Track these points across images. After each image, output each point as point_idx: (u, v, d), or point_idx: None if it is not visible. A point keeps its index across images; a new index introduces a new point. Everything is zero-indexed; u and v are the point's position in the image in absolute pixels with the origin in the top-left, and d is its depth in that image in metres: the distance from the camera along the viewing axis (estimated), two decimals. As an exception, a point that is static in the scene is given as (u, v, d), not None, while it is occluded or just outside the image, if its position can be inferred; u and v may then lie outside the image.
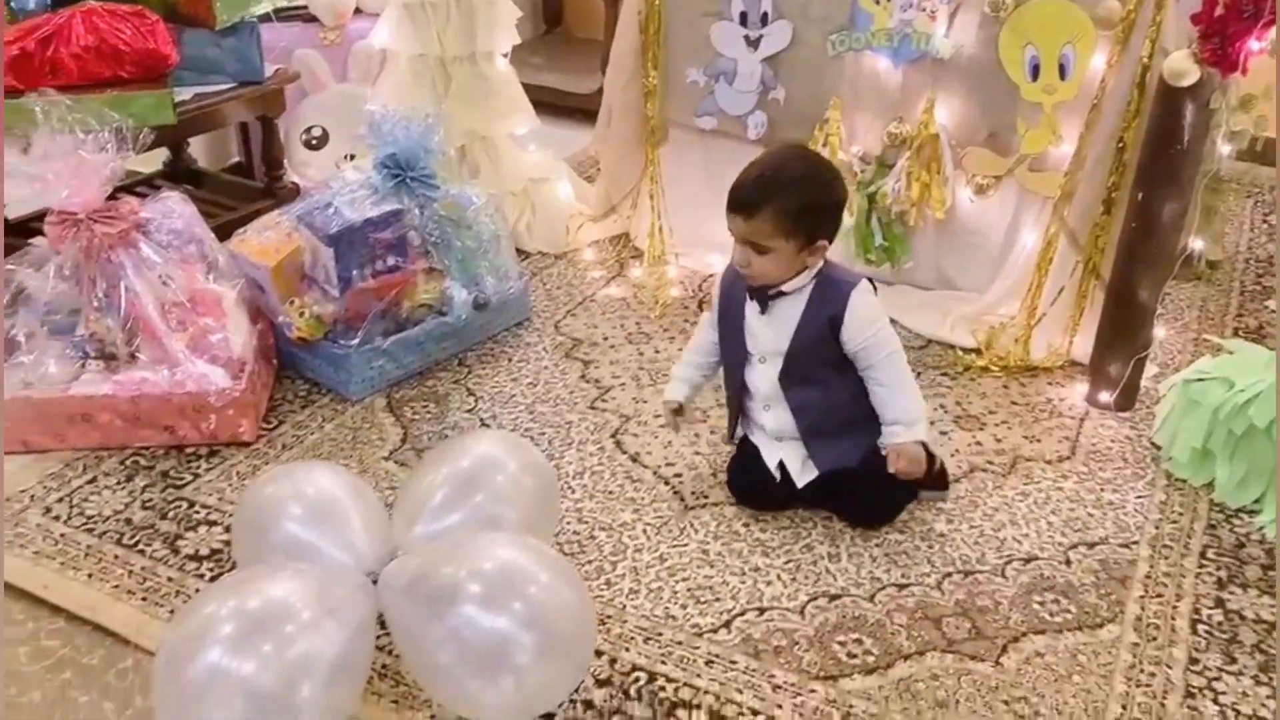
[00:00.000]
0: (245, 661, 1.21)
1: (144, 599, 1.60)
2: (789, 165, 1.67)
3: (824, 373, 1.72)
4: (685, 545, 1.72)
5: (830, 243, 1.68)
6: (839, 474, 1.75)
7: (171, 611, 1.57)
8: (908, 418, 1.70)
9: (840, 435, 1.75)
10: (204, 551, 1.69)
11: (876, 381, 1.70)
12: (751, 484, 1.80)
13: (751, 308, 1.74)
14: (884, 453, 1.71)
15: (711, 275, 2.55)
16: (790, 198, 1.62)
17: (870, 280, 1.73)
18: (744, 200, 1.64)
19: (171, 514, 1.77)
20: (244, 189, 2.71)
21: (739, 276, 1.72)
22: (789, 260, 1.66)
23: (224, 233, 2.18)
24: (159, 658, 1.28)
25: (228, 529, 1.73)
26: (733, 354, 1.79)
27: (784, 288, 1.70)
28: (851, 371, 1.72)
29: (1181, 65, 1.81)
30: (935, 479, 1.81)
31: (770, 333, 1.73)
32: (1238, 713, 1.45)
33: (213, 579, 1.63)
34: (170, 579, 1.64)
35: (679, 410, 1.86)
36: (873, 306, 1.70)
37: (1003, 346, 2.21)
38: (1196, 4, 1.80)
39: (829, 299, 1.68)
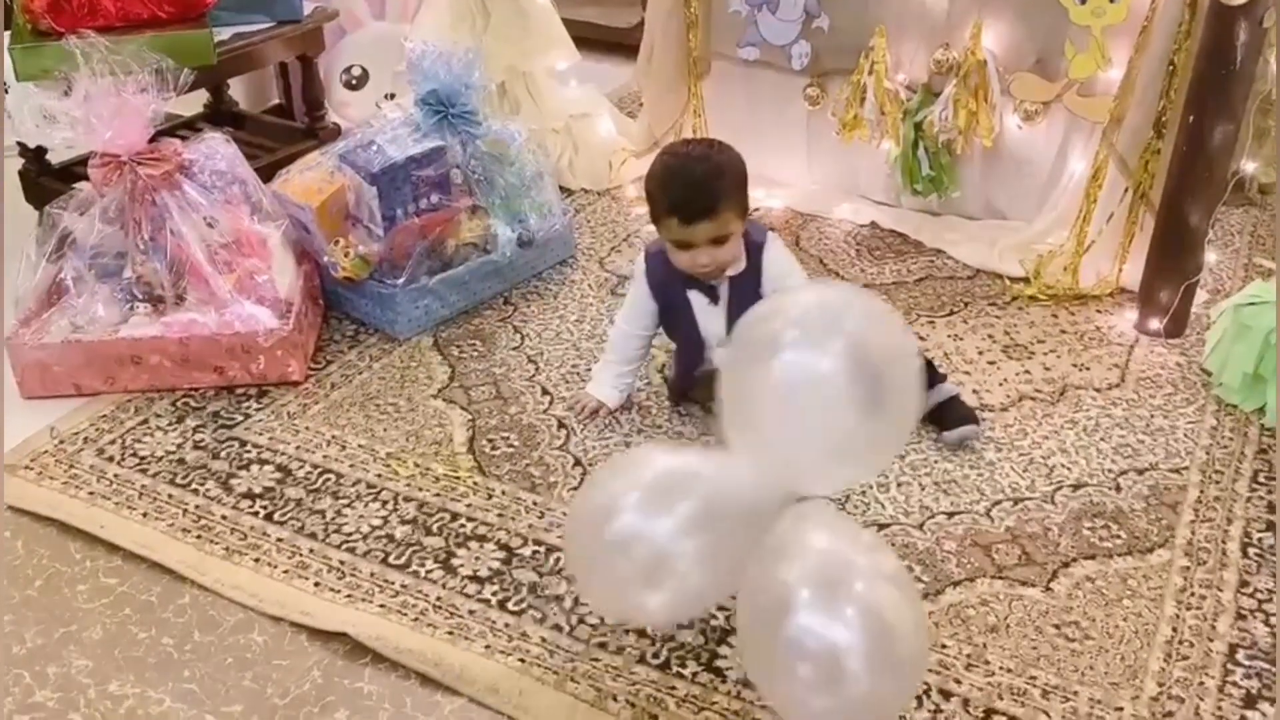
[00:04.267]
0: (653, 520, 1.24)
1: (199, 537, 1.63)
2: (709, 155, 1.70)
3: None
4: (733, 476, 1.74)
5: None
6: None
7: (227, 548, 1.61)
8: None
9: None
10: (256, 490, 1.72)
11: None
12: None
13: (698, 300, 1.77)
14: None
15: (756, 210, 2.53)
16: (731, 179, 1.67)
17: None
18: (705, 205, 1.64)
19: (223, 454, 1.80)
20: (285, 130, 2.70)
21: (671, 274, 1.75)
22: (739, 239, 1.71)
23: (266, 174, 2.18)
24: (569, 525, 1.38)
25: (279, 468, 1.77)
26: (689, 344, 1.82)
27: (730, 271, 1.73)
28: None
29: (1235, -17, 1.76)
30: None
31: (717, 318, 1.77)
32: (1291, 634, 1.45)
33: (266, 517, 1.66)
34: (224, 517, 1.67)
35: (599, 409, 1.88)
36: (785, 258, 1.78)
37: (1051, 275, 2.18)
38: (1253, -83, 1.74)
39: (749, 270, 1.73)
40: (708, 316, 1.79)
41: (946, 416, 1.81)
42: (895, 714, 1.32)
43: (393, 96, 2.79)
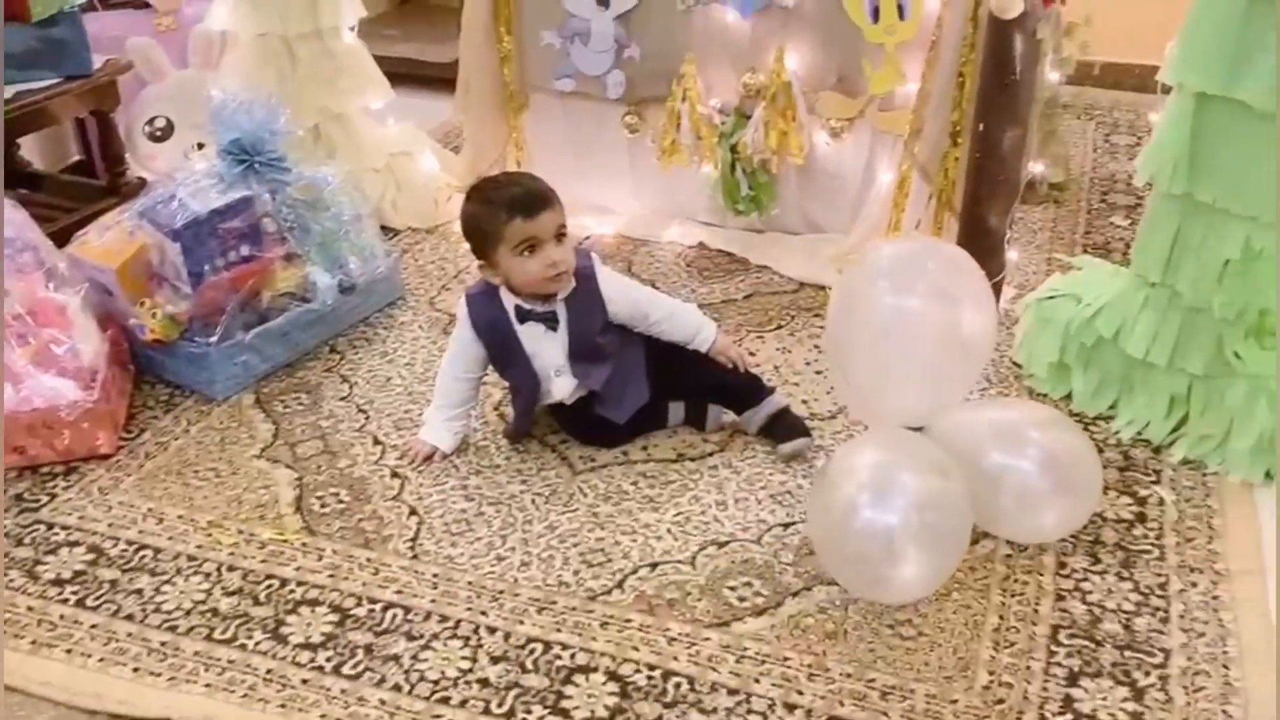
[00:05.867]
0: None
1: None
2: (516, 171, 1.90)
3: (611, 345, 1.81)
4: (575, 510, 1.72)
5: None
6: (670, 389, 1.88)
7: (34, 642, 1.49)
8: (699, 321, 1.87)
9: (630, 383, 1.83)
10: (66, 575, 1.62)
11: (659, 323, 1.84)
12: (590, 427, 1.85)
13: (532, 331, 1.78)
14: (715, 357, 1.86)
15: (587, 238, 2.53)
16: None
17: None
18: (543, 194, 1.72)
19: (28, 539, 1.69)
20: (85, 189, 2.57)
21: (497, 314, 1.76)
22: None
23: (67, 235, 2.08)
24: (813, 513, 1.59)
25: (91, 548, 1.67)
26: (525, 381, 1.82)
27: (561, 294, 1.76)
28: (626, 330, 1.83)
29: (1007, -1, 1.87)
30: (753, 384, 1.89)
31: (555, 345, 1.78)
32: (1103, 608, 1.53)
33: (78, 603, 1.56)
34: (30, 609, 1.56)
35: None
36: (614, 274, 1.86)
37: (868, 284, 2.26)
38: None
39: (581, 292, 1.77)
40: (544, 346, 1.78)
41: (779, 429, 1.84)
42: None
43: (202, 146, 2.68)
